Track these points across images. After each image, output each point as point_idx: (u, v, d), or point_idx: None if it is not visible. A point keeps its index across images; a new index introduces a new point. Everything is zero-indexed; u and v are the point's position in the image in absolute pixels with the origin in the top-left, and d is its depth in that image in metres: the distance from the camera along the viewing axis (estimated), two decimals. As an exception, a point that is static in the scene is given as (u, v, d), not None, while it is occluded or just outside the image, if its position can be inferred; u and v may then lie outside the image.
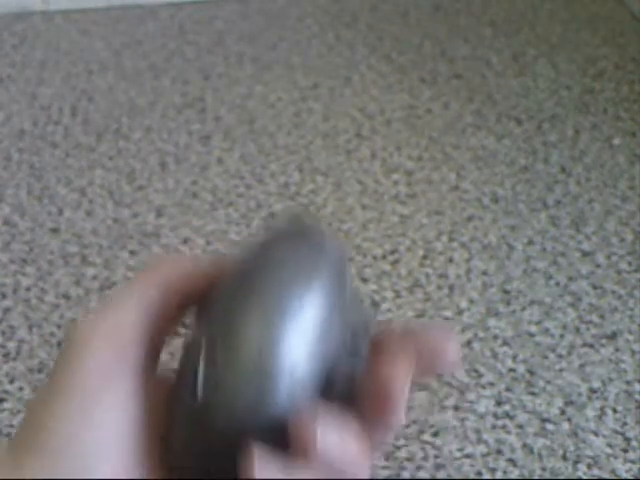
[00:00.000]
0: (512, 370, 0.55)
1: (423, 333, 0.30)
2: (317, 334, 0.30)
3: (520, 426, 0.51)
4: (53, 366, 0.32)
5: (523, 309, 0.59)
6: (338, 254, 0.31)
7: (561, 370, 0.55)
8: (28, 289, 0.61)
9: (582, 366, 0.55)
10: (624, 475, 0.48)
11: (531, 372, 0.54)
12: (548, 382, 0.54)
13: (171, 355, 0.33)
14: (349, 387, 0.31)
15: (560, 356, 0.56)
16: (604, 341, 0.57)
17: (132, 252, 0.65)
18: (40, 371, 0.55)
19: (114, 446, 0.30)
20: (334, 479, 0.30)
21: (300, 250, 0.31)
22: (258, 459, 0.28)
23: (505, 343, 0.57)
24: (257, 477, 0.28)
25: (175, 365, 0.30)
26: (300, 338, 0.29)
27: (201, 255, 0.33)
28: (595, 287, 0.61)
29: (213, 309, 0.30)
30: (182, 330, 0.33)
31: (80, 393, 0.30)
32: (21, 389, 0.54)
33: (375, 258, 0.64)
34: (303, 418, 0.28)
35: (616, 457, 0.49)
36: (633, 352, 0.56)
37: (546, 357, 0.56)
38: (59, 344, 0.57)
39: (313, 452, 0.28)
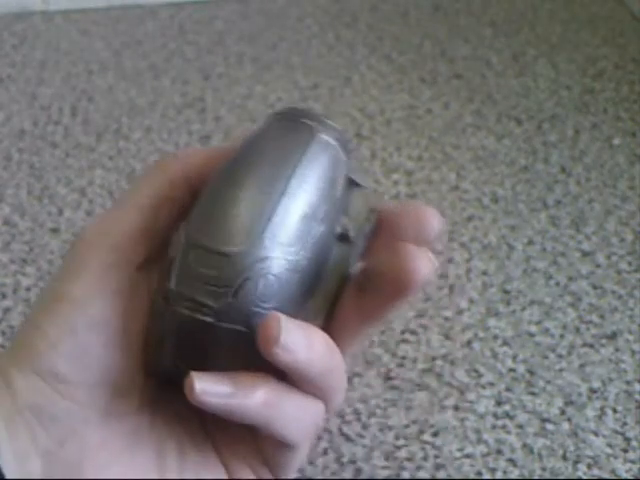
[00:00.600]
0: (512, 370, 0.55)
1: (406, 209, 0.31)
2: (295, 226, 0.29)
3: (520, 426, 0.51)
4: (55, 272, 0.32)
5: (523, 309, 0.59)
6: (331, 141, 0.30)
7: (561, 370, 0.55)
8: (28, 289, 0.61)
9: (582, 366, 0.55)
10: (624, 475, 0.48)
11: (531, 372, 0.54)
12: (548, 382, 0.54)
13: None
14: (341, 274, 0.31)
15: (560, 356, 0.56)
16: (604, 341, 0.57)
17: (132, 252, 0.65)
18: (40, 371, 0.55)
19: (102, 348, 0.30)
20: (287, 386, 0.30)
21: (285, 139, 0.30)
22: (198, 381, 0.28)
23: (505, 343, 0.57)
24: (199, 400, 0.28)
25: None
26: (280, 225, 0.28)
27: (205, 148, 0.33)
28: (595, 287, 0.61)
29: (196, 201, 0.30)
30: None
31: (74, 294, 0.30)
32: (21, 389, 0.54)
33: (375, 258, 0.63)
34: (271, 315, 0.28)
35: (616, 457, 0.49)
36: (633, 352, 0.56)
37: (546, 357, 0.56)
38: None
39: (274, 349, 0.27)
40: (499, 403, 0.52)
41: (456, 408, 0.52)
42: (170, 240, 0.31)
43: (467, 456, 0.49)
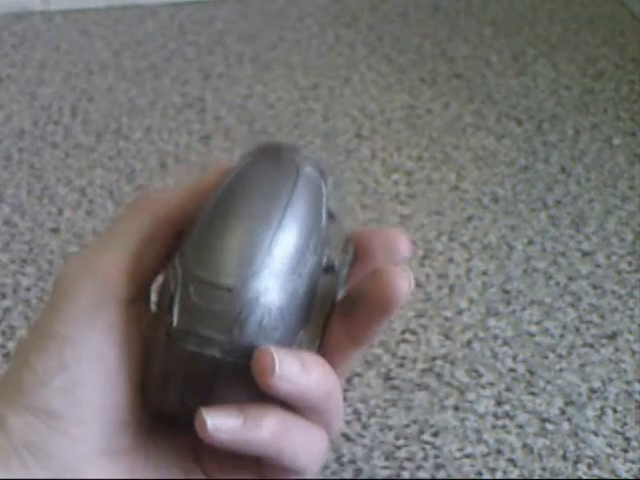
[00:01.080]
0: (512, 370, 0.55)
1: (376, 236, 0.32)
2: (292, 257, 0.29)
3: (520, 426, 0.51)
4: (41, 311, 0.31)
5: (523, 309, 0.59)
6: (315, 174, 0.31)
7: (561, 370, 0.55)
8: (28, 289, 0.61)
9: (582, 366, 0.55)
10: (624, 475, 0.48)
11: (531, 372, 0.54)
12: (548, 382, 0.54)
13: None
14: (329, 303, 0.31)
15: (560, 356, 0.56)
16: (604, 341, 0.57)
17: (132, 252, 0.65)
18: (40, 371, 0.55)
19: (96, 383, 0.29)
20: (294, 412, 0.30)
21: (274, 174, 0.30)
22: (209, 418, 0.28)
23: (505, 343, 0.57)
24: (212, 438, 0.28)
25: None
26: (279, 256, 0.28)
27: (186, 182, 0.33)
28: (595, 287, 0.61)
29: (189, 235, 0.30)
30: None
31: (63, 330, 0.29)
32: (21, 389, 0.54)
33: (375, 258, 0.63)
34: (262, 349, 0.28)
35: (616, 457, 0.49)
36: (633, 352, 0.56)
37: (546, 357, 0.56)
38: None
39: (271, 380, 0.27)
40: (499, 403, 0.52)
41: (456, 408, 0.52)
42: (164, 276, 0.31)
43: (467, 456, 0.49)
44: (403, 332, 0.57)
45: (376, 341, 0.56)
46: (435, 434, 0.50)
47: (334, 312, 0.32)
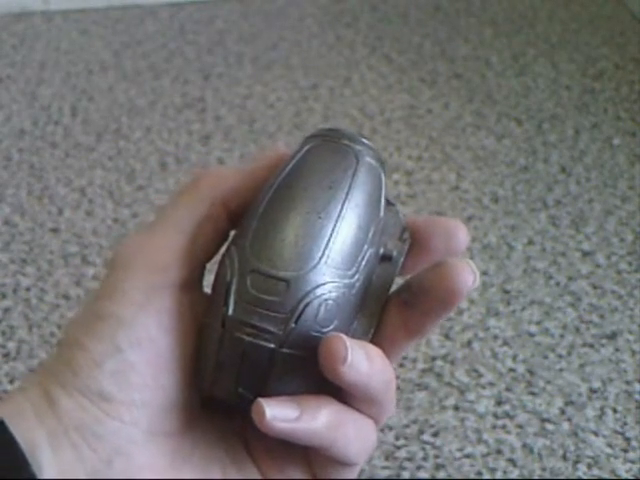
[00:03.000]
0: (512, 370, 0.55)
1: (434, 224, 0.32)
2: (350, 249, 0.29)
3: (520, 426, 0.51)
4: (94, 290, 0.31)
5: (523, 309, 0.59)
6: (374, 162, 0.31)
7: (561, 370, 0.55)
8: (28, 289, 0.61)
9: (582, 366, 0.55)
10: (624, 475, 0.48)
11: (531, 372, 0.54)
12: (548, 382, 0.54)
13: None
14: (385, 292, 0.31)
15: (560, 356, 0.56)
16: (604, 341, 0.57)
17: (132, 252, 0.65)
18: (40, 371, 0.55)
19: (147, 367, 0.30)
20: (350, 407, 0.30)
21: (333, 163, 0.30)
22: (268, 407, 0.28)
23: (505, 343, 0.57)
24: (269, 427, 0.28)
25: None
26: (338, 249, 0.28)
27: (245, 165, 0.33)
28: (595, 287, 0.61)
29: (247, 223, 0.30)
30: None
31: (116, 311, 0.30)
32: (21, 389, 0.54)
33: (375, 258, 0.63)
34: (334, 336, 0.28)
35: (616, 457, 0.49)
36: (633, 352, 0.56)
37: (546, 357, 0.56)
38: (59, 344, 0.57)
39: (342, 368, 0.28)
40: (499, 403, 0.52)
41: (456, 408, 0.52)
42: (219, 264, 0.31)
43: (467, 456, 0.49)
44: (403, 332, 0.57)
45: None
46: (435, 434, 0.50)
47: (390, 302, 0.32)
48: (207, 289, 0.32)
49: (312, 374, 0.29)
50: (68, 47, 0.92)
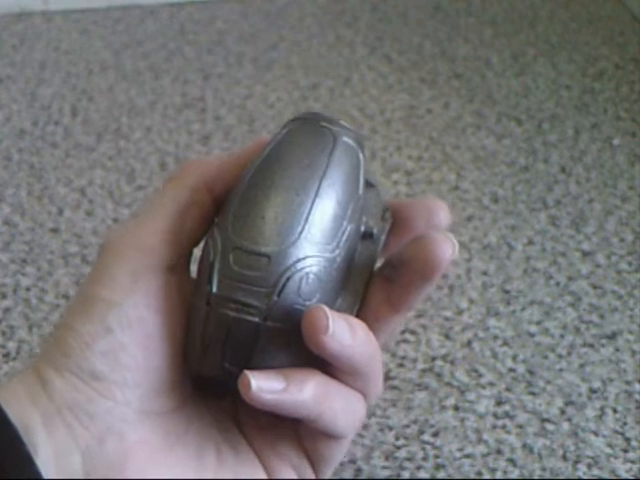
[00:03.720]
0: (512, 370, 0.55)
1: (415, 203, 0.33)
2: (329, 225, 0.30)
3: (520, 426, 0.51)
4: (86, 276, 0.33)
5: (523, 309, 0.59)
6: (352, 143, 0.31)
7: (561, 370, 0.55)
8: (28, 289, 0.61)
9: (582, 366, 0.55)
10: (624, 475, 0.48)
11: (531, 372, 0.54)
12: (548, 382, 0.54)
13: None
14: (368, 269, 0.32)
15: (560, 356, 0.56)
16: (604, 341, 0.57)
17: (132, 252, 0.65)
18: (40, 371, 0.55)
19: (138, 347, 0.30)
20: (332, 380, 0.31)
21: (311, 143, 0.31)
22: (254, 379, 0.28)
23: (505, 343, 0.57)
24: (255, 399, 0.28)
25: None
26: (317, 224, 0.29)
27: (228, 153, 0.34)
28: (595, 287, 0.61)
29: (228, 204, 0.30)
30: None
31: (107, 295, 0.30)
32: (21, 389, 0.54)
33: (375, 258, 0.63)
34: (316, 307, 0.28)
35: (616, 457, 0.49)
36: (633, 352, 0.56)
37: (546, 357, 0.56)
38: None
39: (324, 338, 0.28)
40: (499, 403, 0.52)
41: (456, 408, 0.52)
42: (203, 246, 0.31)
43: (467, 456, 0.49)
44: (403, 332, 0.57)
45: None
46: (435, 434, 0.50)
47: (373, 279, 0.33)
48: (194, 274, 0.32)
49: (297, 347, 0.29)
50: (68, 47, 0.92)
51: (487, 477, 0.48)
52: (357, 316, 0.32)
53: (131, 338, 0.30)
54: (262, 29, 0.95)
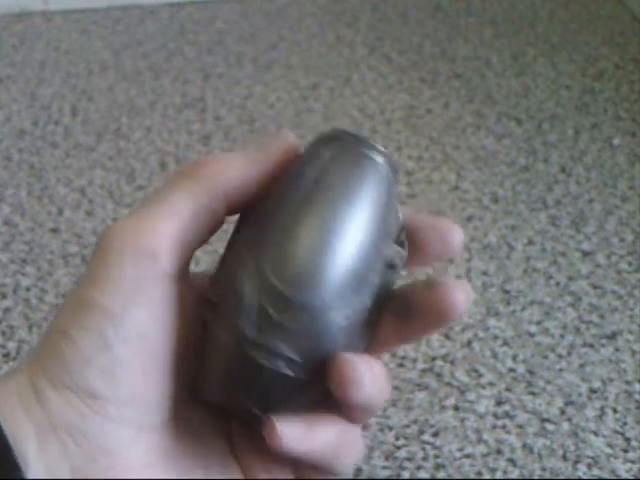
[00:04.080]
0: (512, 370, 0.55)
1: (431, 225, 0.31)
2: (365, 270, 0.29)
3: (520, 426, 0.51)
4: (82, 275, 0.30)
5: (523, 309, 0.59)
6: (391, 172, 0.30)
7: (561, 370, 0.55)
8: (28, 289, 0.61)
9: (582, 366, 0.55)
10: (624, 475, 0.48)
11: (531, 372, 0.54)
12: (548, 382, 0.54)
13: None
14: (385, 298, 0.31)
15: (560, 356, 0.56)
16: (604, 341, 0.57)
17: (132, 252, 0.65)
18: (40, 371, 0.55)
19: (136, 363, 0.29)
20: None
21: (351, 166, 0.29)
22: (281, 427, 0.28)
23: (505, 343, 0.57)
24: (281, 446, 0.28)
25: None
26: (356, 273, 0.28)
27: (253, 155, 0.31)
28: (595, 287, 0.61)
29: (261, 227, 0.28)
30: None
31: (105, 302, 0.28)
32: (21, 389, 0.54)
33: (375, 258, 0.63)
34: (346, 361, 0.28)
35: (616, 457, 0.49)
36: (633, 352, 0.56)
37: (546, 357, 0.56)
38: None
39: (354, 393, 0.28)
40: (499, 403, 0.52)
41: (456, 408, 0.52)
42: (224, 261, 0.29)
43: (467, 456, 0.49)
44: (403, 332, 0.57)
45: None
46: (435, 434, 0.50)
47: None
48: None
49: (322, 394, 0.29)
50: (68, 47, 0.92)
51: (487, 477, 0.48)
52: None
53: (130, 353, 0.28)
54: (262, 29, 0.95)
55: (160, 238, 0.29)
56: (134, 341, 0.29)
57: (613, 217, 0.68)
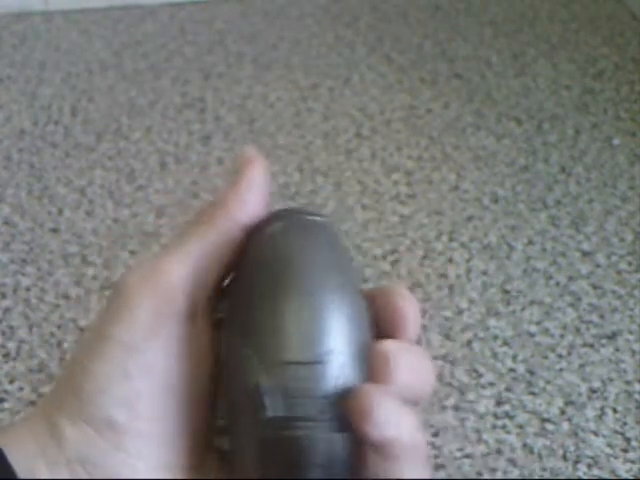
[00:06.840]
0: (512, 370, 0.55)
1: (385, 296, 0.31)
2: (358, 318, 0.29)
3: (520, 426, 0.51)
4: (97, 316, 0.30)
5: (523, 309, 0.59)
6: (335, 230, 0.31)
7: (561, 370, 0.55)
8: (28, 289, 0.61)
9: (582, 366, 0.55)
10: (624, 475, 0.48)
11: (531, 372, 0.54)
12: (548, 382, 0.54)
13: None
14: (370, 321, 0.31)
15: (560, 356, 0.56)
16: (604, 341, 0.57)
17: (132, 252, 0.65)
18: (40, 371, 0.55)
19: (156, 397, 0.29)
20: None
21: (321, 246, 0.30)
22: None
23: (505, 343, 0.57)
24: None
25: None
26: (347, 331, 0.28)
27: (249, 198, 0.32)
28: (595, 287, 0.61)
29: (242, 309, 0.29)
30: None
31: (125, 337, 0.28)
32: (21, 389, 0.54)
33: (375, 258, 0.64)
34: (360, 390, 0.28)
35: (616, 457, 0.49)
36: (633, 352, 0.56)
37: (546, 357, 0.56)
38: (59, 344, 0.57)
39: (370, 430, 0.27)
40: (499, 403, 0.52)
41: (456, 408, 0.52)
42: (228, 352, 0.30)
43: (467, 456, 0.49)
44: (403, 332, 0.57)
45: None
46: (435, 434, 0.50)
47: None
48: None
49: (341, 451, 0.29)
50: (68, 47, 0.92)
51: (487, 477, 0.48)
52: None
53: (150, 386, 0.28)
54: (262, 29, 0.95)
55: (174, 280, 0.29)
56: (154, 374, 0.29)
57: (613, 217, 0.68)
